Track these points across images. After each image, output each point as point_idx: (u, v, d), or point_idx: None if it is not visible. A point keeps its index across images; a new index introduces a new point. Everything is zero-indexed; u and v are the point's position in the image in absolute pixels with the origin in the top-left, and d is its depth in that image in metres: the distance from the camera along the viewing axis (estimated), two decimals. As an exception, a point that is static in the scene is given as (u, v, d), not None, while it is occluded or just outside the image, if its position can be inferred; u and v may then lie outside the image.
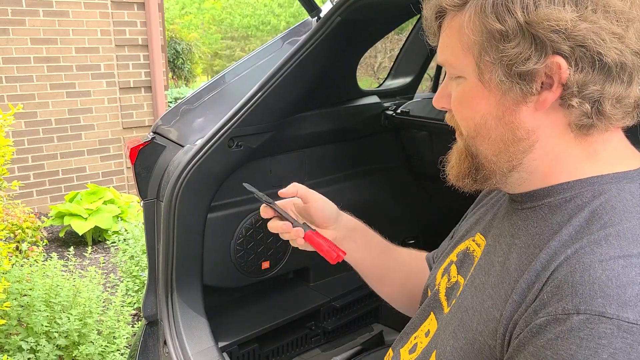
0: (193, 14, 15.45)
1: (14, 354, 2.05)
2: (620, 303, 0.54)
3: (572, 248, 0.61)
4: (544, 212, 0.68)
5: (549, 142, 0.66)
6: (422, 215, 2.23)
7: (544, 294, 0.60)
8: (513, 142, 0.67)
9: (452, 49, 0.68)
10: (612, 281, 0.55)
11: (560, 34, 0.59)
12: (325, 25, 1.58)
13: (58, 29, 4.49)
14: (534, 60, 0.61)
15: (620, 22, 0.60)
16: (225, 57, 15.88)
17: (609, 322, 0.53)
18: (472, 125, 0.69)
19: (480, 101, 0.67)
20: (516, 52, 0.61)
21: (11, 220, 3.20)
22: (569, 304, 0.56)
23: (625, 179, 0.66)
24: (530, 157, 0.68)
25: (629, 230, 0.60)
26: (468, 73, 0.67)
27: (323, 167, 1.98)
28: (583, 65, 0.60)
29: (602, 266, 0.57)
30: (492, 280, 0.69)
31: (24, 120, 4.41)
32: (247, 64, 1.83)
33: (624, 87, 0.62)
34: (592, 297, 0.55)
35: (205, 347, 1.53)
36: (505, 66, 0.62)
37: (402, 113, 2.09)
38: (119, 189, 4.93)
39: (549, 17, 0.59)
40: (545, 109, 0.64)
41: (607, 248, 0.59)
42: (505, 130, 0.67)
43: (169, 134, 1.67)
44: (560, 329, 0.56)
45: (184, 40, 9.16)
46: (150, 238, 1.64)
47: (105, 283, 3.18)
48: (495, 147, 0.68)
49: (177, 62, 8.83)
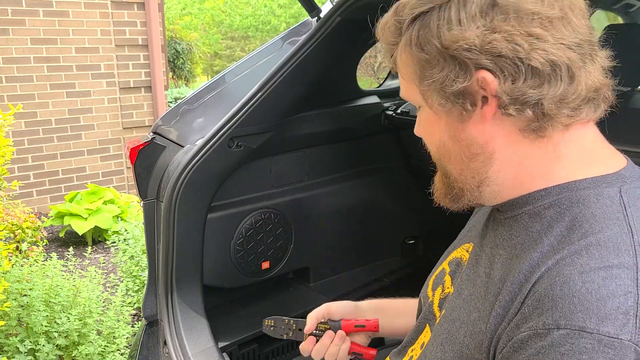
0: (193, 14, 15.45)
1: (13, 355, 2.05)
2: (600, 317, 0.53)
3: (553, 259, 0.60)
4: (525, 220, 0.67)
5: (507, 151, 0.67)
6: (422, 215, 2.23)
7: (525, 307, 0.59)
8: (471, 158, 0.69)
9: (402, 83, 0.73)
10: (591, 294, 0.55)
11: (473, 50, 0.61)
12: (325, 25, 1.58)
13: (58, 29, 4.49)
14: (461, 79, 0.63)
15: (536, 22, 0.60)
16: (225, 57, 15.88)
17: (590, 337, 0.53)
18: (435, 149, 0.74)
19: (434, 125, 0.71)
20: (443, 75, 0.64)
21: (11, 220, 3.20)
22: (549, 319, 0.56)
23: (604, 183, 0.64)
24: (494, 170, 0.68)
25: (609, 239, 0.59)
26: (421, 102, 0.71)
27: (323, 167, 1.98)
28: (510, 74, 0.61)
29: (582, 278, 0.56)
30: (478, 291, 0.69)
31: (24, 120, 4.41)
32: (247, 64, 1.83)
33: (565, 84, 0.61)
34: (571, 311, 0.55)
35: (205, 347, 1.53)
36: (439, 90, 0.65)
37: (402, 113, 2.08)
38: (119, 189, 4.93)
39: (457, 38, 0.61)
40: (490, 121, 0.65)
41: (588, 259, 0.58)
42: (461, 148, 0.69)
43: (169, 134, 1.67)
44: (542, 344, 0.55)
45: (184, 40, 9.16)
46: (150, 238, 1.64)
47: (105, 283, 3.18)
48: (457, 166, 0.71)
49: (177, 62, 8.83)
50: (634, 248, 0.58)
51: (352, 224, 2.08)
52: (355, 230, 2.10)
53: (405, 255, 2.26)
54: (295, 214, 1.90)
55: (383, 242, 2.21)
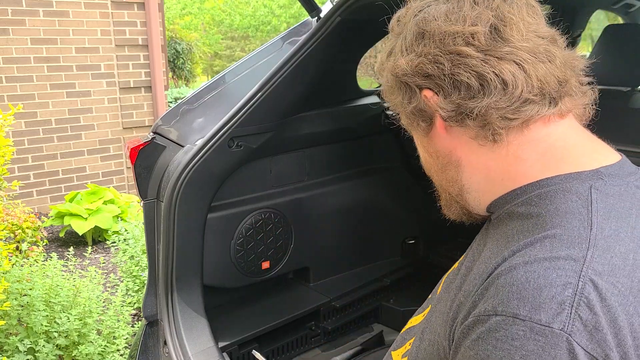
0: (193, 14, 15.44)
1: (13, 355, 2.05)
2: (534, 305, 0.54)
3: (509, 251, 0.61)
4: (505, 219, 0.69)
5: (471, 157, 0.72)
6: (422, 215, 2.23)
7: (476, 295, 0.61)
8: (443, 168, 0.76)
9: None
10: (529, 283, 0.56)
11: (408, 75, 0.70)
12: (325, 25, 1.58)
13: (58, 29, 4.49)
14: (413, 100, 0.72)
15: (459, 40, 0.66)
16: (225, 57, 15.87)
17: (522, 323, 0.54)
18: (423, 164, 0.82)
19: (417, 142, 0.81)
20: (399, 99, 0.74)
21: (11, 220, 3.20)
22: (489, 306, 0.58)
23: (576, 180, 0.65)
24: (465, 176, 0.74)
25: (565, 232, 0.60)
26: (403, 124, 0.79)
27: (323, 167, 1.98)
28: (446, 90, 0.68)
29: (525, 268, 0.57)
30: (456, 285, 0.71)
31: (24, 120, 4.41)
32: (247, 64, 1.83)
33: (498, 93, 0.65)
34: (509, 298, 0.56)
35: (205, 347, 1.53)
36: (402, 111, 0.76)
37: (402, 113, 2.08)
38: (119, 189, 4.93)
39: (394, 66, 0.72)
40: (446, 133, 0.72)
41: (538, 250, 0.59)
42: (434, 160, 0.77)
43: (169, 134, 1.67)
44: (481, 330, 0.57)
45: (184, 40, 9.15)
46: (150, 238, 1.64)
47: (105, 283, 3.18)
48: (438, 177, 0.79)
49: (177, 62, 8.83)
50: (589, 242, 0.58)
51: (352, 224, 2.08)
52: (355, 230, 2.10)
53: (405, 255, 2.27)
54: (295, 214, 1.90)
55: (383, 242, 2.21)
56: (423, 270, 2.25)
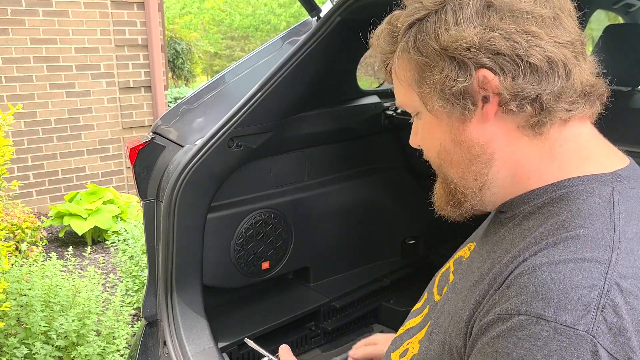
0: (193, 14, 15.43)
1: (12, 357, 2.05)
2: (559, 306, 0.54)
3: (531, 250, 0.61)
4: (519, 219, 0.68)
5: (506, 151, 0.68)
6: (422, 215, 2.22)
7: (497, 294, 0.61)
8: (472, 160, 0.69)
9: (400, 91, 0.74)
10: (555, 284, 0.55)
11: (472, 49, 0.62)
12: (325, 25, 1.58)
13: (58, 28, 4.49)
14: (462, 79, 0.64)
15: (531, 20, 0.62)
16: (225, 57, 15.86)
17: (546, 324, 0.54)
18: (436, 154, 0.73)
19: (436, 130, 0.71)
20: (443, 76, 0.65)
21: (11, 220, 3.20)
22: (512, 305, 0.57)
23: (598, 181, 0.65)
24: (493, 171, 0.69)
25: (590, 234, 0.59)
26: (419, 107, 0.72)
27: (323, 167, 1.98)
28: (509, 71, 0.62)
29: (549, 268, 0.57)
30: (468, 285, 0.70)
31: (23, 120, 4.40)
32: (247, 64, 1.83)
33: (559, 80, 0.63)
34: (533, 298, 0.55)
35: (205, 347, 1.53)
36: (439, 92, 0.66)
37: (402, 113, 2.08)
38: (119, 189, 4.93)
39: (456, 37, 0.63)
40: (491, 120, 0.66)
41: (562, 251, 0.58)
42: (462, 150, 0.70)
43: (169, 134, 1.67)
44: (502, 328, 0.57)
45: (183, 40, 9.15)
46: (149, 238, 1.63)
47: (105, 283, 3.18)
48: (459, 170, 0.71)
49: (177, 62, 8.82)
50: (613, 244, 0.58)
51: (352, 224, 2.08)
52: (356, 231, 2.10)
53: (405, 255, 2.26)
54: (295, 214, 1.89)
55: (383, 242, 2.21)
56: (423, 271, 2.25)
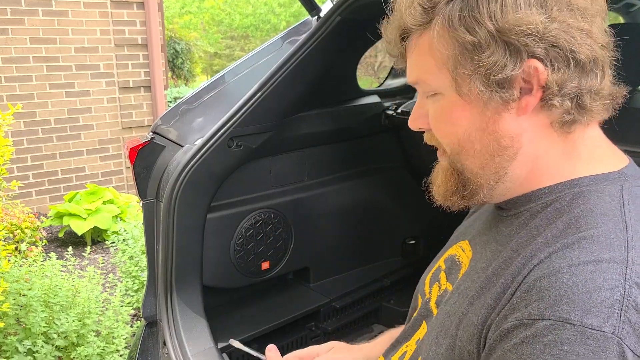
0: (193, 14, 15.43)
1: (12, 355, 2.05)
2: (584, 309, 0.54)
3: (545, 252, 0.60)
4: (526, 217, 0.68)
5: (531, 146, 0.66)
6: (422, 215, 2.22)
7: (515, 298, 0.60)
8: (498, 152, 0.66)
9: (425, 67, 0.67)
10: (578, 287, 0.55)
11: (533, 37, 0.59)
12: (325, 24, 1.58)
13: (57, 28, 4.48)
14: (511, 66, 0.61)
15: (586, 18, 0.61)
16: (225, 56, 15.86)
17: (572, 328, 0.53)
18: (456, 141, 0.68)
19: (461, 115, 0.66)
20: (492, 61, 0.61)
21: (10, 221, 3.20)
22: (534, 310, 0.56)
23: (606, 180, 0.65)
24: (514, 165, 0.67)
25: (603, 234, 0.59)
26: (445, 88, 0.66)
27: (323, 167, 1.98)
28: (559, 65, 0.61)
29: (570, 271, 0.56)
30: (475, 287, 0.69)
31: (23, 120, 4.40)
32: (247, 64, 1.83)
33: (598, 80, 0.63)
34: (557, 303, 0.55)
35: (205, 347, 1.52)
36: (483, 76, 0.62)
37: (402, 113, 2.08)
38: (119, 189, 4.92)
39: (519, 22, 0.59)
40: (528, 113, 0.64)
41: (579, 252, 0.58)
42: (490, 140, 0.66)
43: (169, 133, 1.67)
44: (526, 334, 0.56)
45: (183, 39, 9.15)
46: (149, 238, 1.63)
47: (105, 283, 3.17)
48: (481, 160, 0.67)
49: (177, 61, 8.82)
50: (627, 244, 0.58)
51: (352, 224, 2.08)
52: (356, 231, 2.10)
53: (406, 255, 2.26)
54: (295, 214, 1.89)
55: (383, 242, 2.21)
56: (423, 271, 2.25)
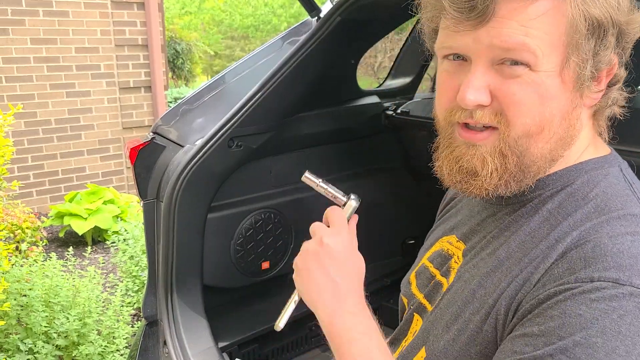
0: (193, 14, 15.44)
1: (13, 355, 2.05)
2: (633, 272, 0.56)
3: (578, 230, 0.62)
4: (535, 204, 0.68)
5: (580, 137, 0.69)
6: (422, 215, 2.22)
7: (554, 270, 0.60)
8: (566, 139, 0.65)
9: (539, 35, 0.60)
10: (623, 253, 0.57)
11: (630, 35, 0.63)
12: (325, 25, 1.58)
13: (58, 28, 4.49)
14: (613, 58, 0.63)
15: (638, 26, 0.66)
16: (225, 57, 15.86)
17: (622, 287, 0.55)
18: (537, 122, 0.62)
19: (555, 95, 0.61)
20: (605, 46, 0.61)
21: (11, 220, 3.20)
22: (582, 274, 0.57)
23: (606, 163, 0.68)
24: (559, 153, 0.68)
25: (627, 213, 0.62)
26: (548, 64, 0.60)
27: (323, 167, 1.98)
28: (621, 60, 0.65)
29: (612, 241, 0.58)
30: (482, 272, 0.70)
31: (23, 120, 4.40)
32: (247, 64, 1.83)
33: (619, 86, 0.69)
34: (605, 268, 0.56)
35: (205, 347, 1.53)
36: (597, 62, 0.61)
37: (402, 113, 2.08)
38: (119, 189, 4.93)
39: (633, 19, 0.62)
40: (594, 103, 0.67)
41: (614, 227, 0.60)
42: (567, 126, 0.64)
43: (169, 134, 1.67)
44: (570, 293, 0.56)
45: (183, 40, 9.15)
46: (150, 238, 1.63)
47: (105, 283, 3.18)
48: (551, 145, 0.64)
49: (177, 62, 8.82)
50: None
51: (352, 224, 2.08)
52: (355, 230, 2.10)
53: (405, 255, 2.26)
54: (295, 214, 1.90)
55: (383, 242, 2.21)
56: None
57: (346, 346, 0.66)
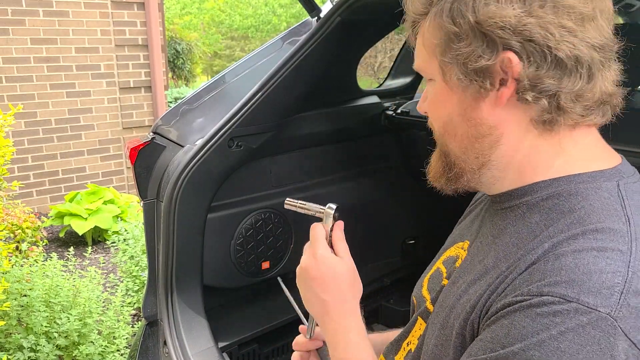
0: (193, 14, 15.44)
1: (14, 354, 2.05)
2: (583, 289, 0.55)
3: (550, 242, 0.62)
4: (522, 210, 0.69)
5: (515, 139, 0.67)
6: (422, 215, 2.23)
7: (517, 280, 0.61)
8: (477, 138, 0.69)
9: (422, 54, 0.72)
10: (579, 269, 0.56)
11: (506, 30, 0.61)
12: (325, 25, 1.58)
13: (58, 29, 4.49)
14: (486, 57, 0.63)
15: (571, 16, 0.61)
16: (225, 57, 15.87)
17: (568, 304, 0.55)
18: (441, 124, 0.73)
19: (446, 100, 0.70)
20: (469, 50, 0.64)
21: (11, 221, 3.20)
22: (534, 287, 0.58)
23: (602, 177, 0.66)
24: (498, 154, 0.69)
25: (607, 228, 0.60)
26: (435, 75, 0.71)
27: (323, 167, 1.98)
28: (535, 60, 0.62)
29: (573, 255, 0.58)
30: (471, 278, 0.70)
31: (24, 120, 4.41)
32: (247, 64, 1.83)
33: (583, 82, 0.63)
34: (557, 282, 0.56)
35: (205, 347, 1.53)
36: (462, 65, 0.65)
37: (402, 113, 2.08)
38: (119, 189, 4.93)
39: (494, 15, 0.61)
40: (504, 104, 0.65)
41: (583, 241, 0.59)
42: (469, 126, 0.69)
43: (169, 134, 1.67)
44: (520, 305, 0.58)
45: (184, 40, 9.15)
46: (150, 238, 1.63)
47: (105, 283, 3.18)
48: (462, 144, 0.71)
49: (177, 62, 8.82)
50: (630, 235, 0.60)
51: (352, 224, 2.07)
52: (355, 231, 2.10)
53: (405, 255, 2.26)
54: (295, 214, 1.89)
55: (383, 242, 2.21)
56: (423, 270, 2.25)
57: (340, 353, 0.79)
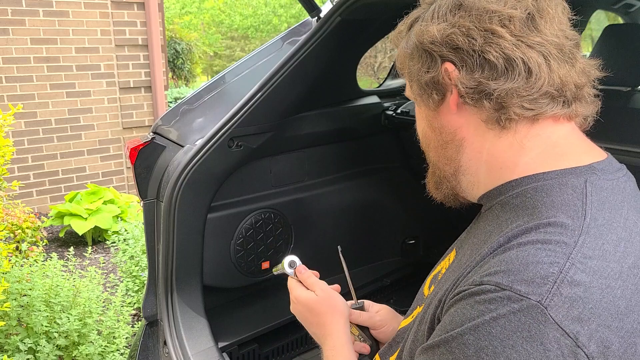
0: (193, 14, 15.43)
1: (14, 354, 2.05)
2: (518, 278, 0.57)
3: (504, 237, 0.64)
4: (497, 210, 0.71)
5: (476, 141, 0.72)
6: (422, 215, 2.23)
7: (471, 273, 0.65)
8: (444, 146, 0.76)
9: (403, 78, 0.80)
10: (519, 260, 0.59)
11: (436, 43, 0.69)
12: (325, 25, 1.58)
13: (58, 29, 4.49)
14: (431, 70, 0.71)
15: (495, 19, 0.66)
16: (225, 57, 15.87)
17: (502, 292, 0.57)
18: (421, 137, 0.82)
19: (419, 116, 0.80)
20: (418, 67, 0.73)
21: (11, 221, 3.20)
22: (477, 277, 0.61)
23: (571, 174, 0.67)
24: (466, 158, 0.74)
25: (559, 222, 0.62)
26: (411, 96, 0.79)
27: (323, 167, 1.98)
28: (468, 66, 0.68)
29: (517, 248, 0.60)
30: (448, 276, 0.73)
31: (24, 120, 4.41)
32: (247, 64, 1.83)
33: (521, 78, 0.66)
34: (495, 272, 0.59)
35: (205, 347, 1.53)
36: (416, 80, 0.74)
37: (402, 113, 2.08)
38: (119, 189, 4.93)
39: (426, 32, 0.70)
40: (455, 110, 0.72)
41: (533, 235, 0.61)
42: (436, 135, 0.77)
43: (169, 134, 1.67)
44: (464, 294, 0.61)
45: (183, 40, 9.15)
46: (150, 238, 1.64)
47: (105, 283, 3.18)
48: (436, 153, 0.78)
49: (177, 62, 8.82)
50: (581, 229, 0.61)
51: (352, 224, 2.08)
52: (355, 231, 2.10)
53: (405, 255, 2.26)
54: (295, 214, 1.90)
55: (383, 242, 2.21)
56: (423, 270, 2.25)
57: None
